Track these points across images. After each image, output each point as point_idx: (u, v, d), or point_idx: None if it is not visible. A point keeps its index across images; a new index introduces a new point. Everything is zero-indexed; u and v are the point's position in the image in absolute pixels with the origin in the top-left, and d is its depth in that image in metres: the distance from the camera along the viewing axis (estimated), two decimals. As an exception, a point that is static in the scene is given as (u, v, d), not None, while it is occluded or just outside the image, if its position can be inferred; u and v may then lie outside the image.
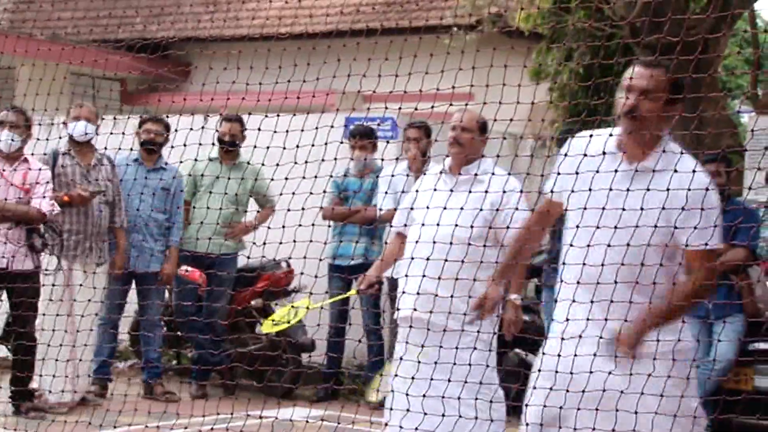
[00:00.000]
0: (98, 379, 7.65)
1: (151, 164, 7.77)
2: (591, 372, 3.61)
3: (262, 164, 5.74)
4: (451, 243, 4.82)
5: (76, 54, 7.94)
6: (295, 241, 5.17)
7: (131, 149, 7.42)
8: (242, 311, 8.13)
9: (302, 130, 5.13)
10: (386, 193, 7.18)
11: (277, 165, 5.13)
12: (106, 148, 7.28)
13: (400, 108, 5.04)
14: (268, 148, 5.21)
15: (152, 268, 7.66)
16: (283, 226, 5.26)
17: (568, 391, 3.64)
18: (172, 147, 5.81)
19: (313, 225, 5.28)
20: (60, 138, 7.23)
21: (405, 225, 5.34)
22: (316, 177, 5.14)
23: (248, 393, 7.31)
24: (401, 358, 5.06)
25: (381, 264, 5.53)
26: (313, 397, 7.86)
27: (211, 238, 7.34)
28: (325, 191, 5.31)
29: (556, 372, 3.67)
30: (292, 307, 5.75)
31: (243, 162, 7.85)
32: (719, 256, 5.06)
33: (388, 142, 7.94)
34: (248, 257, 7.64)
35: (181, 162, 6.54)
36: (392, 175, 7.36)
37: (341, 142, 6.68)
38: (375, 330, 7.83)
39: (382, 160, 7.88)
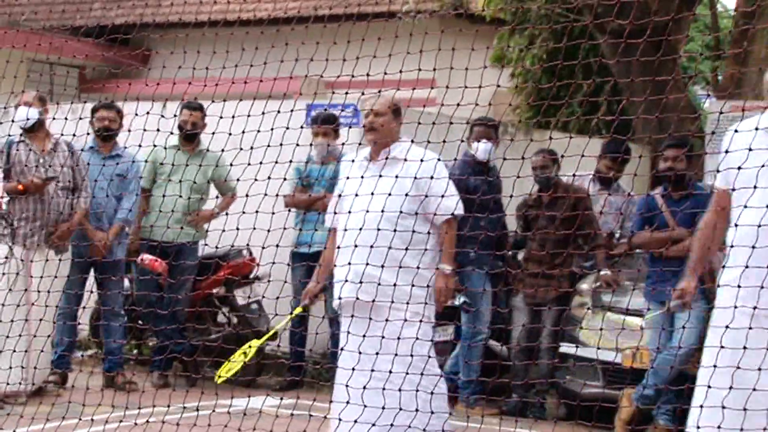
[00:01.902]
0: (58, 369, 7.56)
1: (107, 151, 7.69)
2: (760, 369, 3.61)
3: (222, 150, 5.69)
4: (378, 229, 4.88)
5: (33, 40, 7.81)
6: (254, 228, 5.13)
7: (87, 133, 7.29)
8: (204, 300, 8.07)
9: (263, 114, 5.08)
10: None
11: (240, 150, 5.10)
12: (62, 134, 7.16)
13: (362, 94, 5.01)
14: (229, 134, 5.15)
15: (111, 256, 7.57)
16: (243, 212, 5.22)
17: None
18: (129, 131, 5.72)
19: (273, 213, 5.23)
20: (12, 124, 7.11)
21: (334, 217, 5.38)
22: (276, 163, 5.10)
23: (211, 383, 7.25)
24: (342, 349, 5.08)
25: (322, 270, 5.54)
26: (276, 386, 7.82)
27: (171, 227, 7.26)
28: (285, 178, 5.26)
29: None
30: (247, 349, 5.72)
31: (203, 149, 7.79)
32: None
33: (350, 128, 7.87)
34: (210, 246, 7.58)
35: (139, 146, 6.44)
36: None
37: (302, 127, 6.64)
38: (337, 318, 7.78)
39: (343, 145, 7.83)
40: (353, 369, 4.84)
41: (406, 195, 5.03)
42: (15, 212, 7.01)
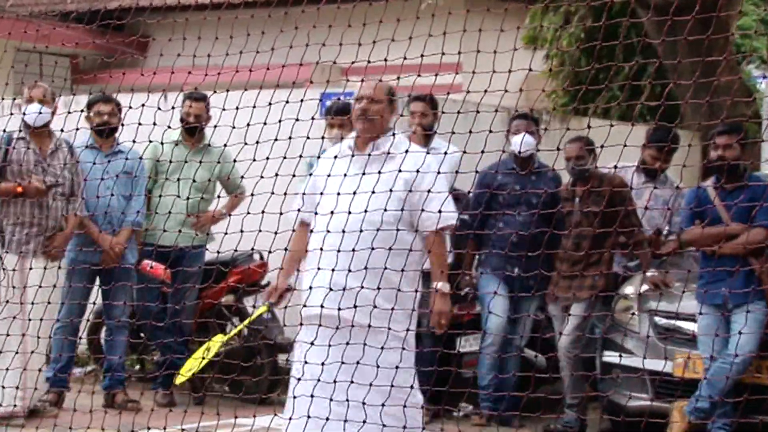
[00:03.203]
0: (54, 387, 7.58)
1: (108, 148, 7.69)
2: None
3: (226, 145, 5.69)
4: (361, 230, 4.84)
5: (19, 27, 7.84)
6: (260, 231, 5.12)
7: (76, 129, 7.23)
8: (212, 310, 8.07)
9: (270, 104, 5.07)
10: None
11: (245, 145, 5.09)
12: (62, 131, 7.16)
13: (380, 81, 5.00)
14: (233, 127, 5.15)
15: (123, 262, 7.55)
16: (248, 212, 5.21)
17: None
18: (123, 125, 5.74)
19: (280, 213, 5.21)
20: (10, 118, 7.11)
21: (311, 212, 5.29)
22: (284, 158, 5.10)
23: (220, 401, 7.26)
24: (305, 361, 5.04)
25: (288, 265, 5.47)
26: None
27: (173, 230, 7.24)
28: (295, 174, 5.25)
29: None
30: (208, 347, 5.72)
31: (207, 144, 7.79)
32: None
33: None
34: (217, 250, 7.57)
35: (134, 142, 6.43)
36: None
37: (313, 119, 6.63)
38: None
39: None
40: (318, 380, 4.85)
41: (391, 191, 4.96)
42: (9, 216, 7.01)
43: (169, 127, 7.39)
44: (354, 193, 4.93)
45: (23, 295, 6.76)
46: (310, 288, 5.12)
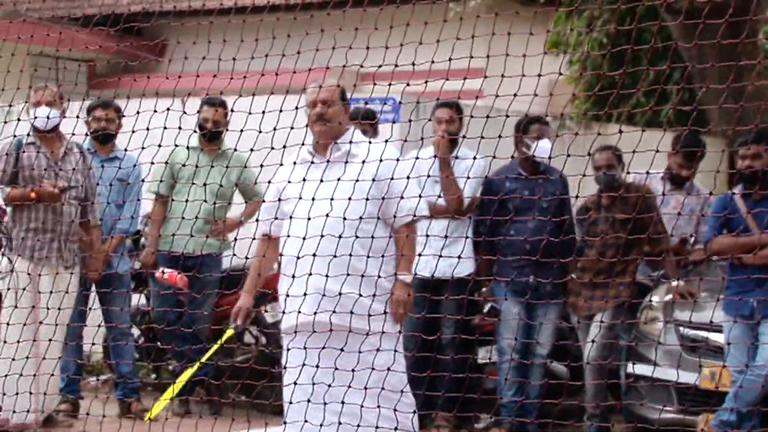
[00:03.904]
0: (67, 396, 7.60)
1: (105, 154, 7.75)
2: None
3: (251, 150, 5.68)
4: (340, 236, 4.89)
5: (40, 31, 7.88)
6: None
7: (72, 134, 7.24)
8: (229, 318, 8.07)
9: (296, 108, 5.07)
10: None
11: (252, 150, 5.08)
12: (73, 134, 7.18)
13: (407, 85, 5.00)
14: (259, 132, 5.15)
15: (109, 269, 7.59)
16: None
17: None
18: (131, 132, 5.75)
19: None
20: (18, 123, 7.13)
21: (273, 223, 5.32)
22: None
23: (237, 410, 7.27)
24: (293, 367, 5.09)
25: (251, 284, 5.53)
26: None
27: (192, 237, 7.25)
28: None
29: None
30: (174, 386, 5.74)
31: (227, 150, 7.80)
32: None
33: (394, 121, 7.86)
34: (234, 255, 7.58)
35: (143, 148, 6.41)
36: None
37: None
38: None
39: (386, 142, 7.80)
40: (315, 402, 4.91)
41: (353, 191, 5.02)
42: (22, 222, 7.04)
43: (179, 130, 7.38)
44: (313, 199, 4.99)
45: (36, 301, 6.78)
46: (287, 295, 5.17)
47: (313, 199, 5.00)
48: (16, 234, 7.01)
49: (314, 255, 4.96)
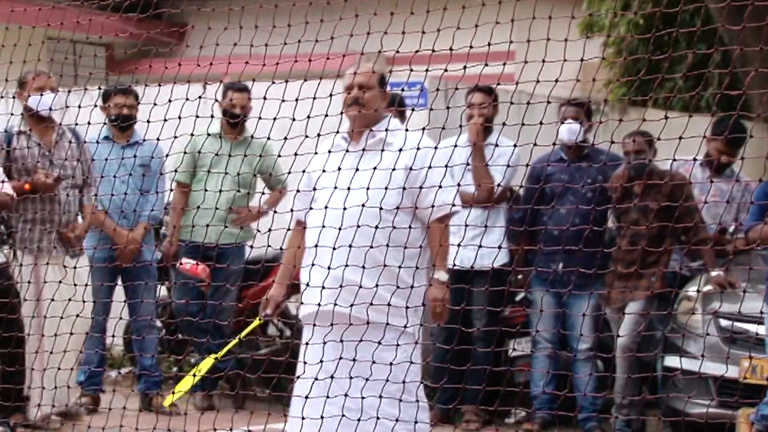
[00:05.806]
0: (88, 390, 7.68)
1: (125, 141, 7.78)
2: None
3: (267, 138, 5.72)
4: (358, 226, 4.85)
5: (55, 16, 7.94)
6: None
7: (81, 123, 7.29)
8: (252, 310, 8.13)
9: (315, 96, 5.10)
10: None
11: (285, 139, 5.11)
12: (89, 123, 7.24)
13: (427, 70, 5.01)
14: (275, 119, 5.19)
15: (139, 259, 7.64)
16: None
17: None
18: (165, 120, 5.80)
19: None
20: (11, 113, 7.17)
21: (308, 213, 5.29)
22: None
23: (261, 403, 7.33)
24: (308, 362, 5.12)
25: (283, 274, 5.49)
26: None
27: (214, 226, 7.27)
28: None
29: None
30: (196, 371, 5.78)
31: (248, 136, 7.83)
32: None
33: (413, 109, 7.88)
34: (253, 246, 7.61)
35: (158, 139, 6.45)
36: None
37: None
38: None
39: (407, 131, 7.83)
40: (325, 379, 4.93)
41: (388, 181, 4.98)
42: (20, 214, 7.03)
43: (212, 116, 7.41)
44: (349, 188, 4.96)
45: (39, 294, 6.82)
46: (307, 285, 5.18)
47: (349, 188, 4.99)
48: (16, 226, 7.05)
49: (339, 247, 4.97)
